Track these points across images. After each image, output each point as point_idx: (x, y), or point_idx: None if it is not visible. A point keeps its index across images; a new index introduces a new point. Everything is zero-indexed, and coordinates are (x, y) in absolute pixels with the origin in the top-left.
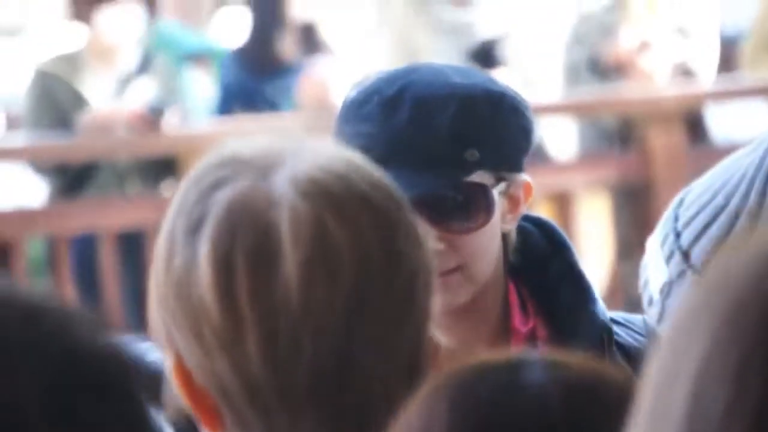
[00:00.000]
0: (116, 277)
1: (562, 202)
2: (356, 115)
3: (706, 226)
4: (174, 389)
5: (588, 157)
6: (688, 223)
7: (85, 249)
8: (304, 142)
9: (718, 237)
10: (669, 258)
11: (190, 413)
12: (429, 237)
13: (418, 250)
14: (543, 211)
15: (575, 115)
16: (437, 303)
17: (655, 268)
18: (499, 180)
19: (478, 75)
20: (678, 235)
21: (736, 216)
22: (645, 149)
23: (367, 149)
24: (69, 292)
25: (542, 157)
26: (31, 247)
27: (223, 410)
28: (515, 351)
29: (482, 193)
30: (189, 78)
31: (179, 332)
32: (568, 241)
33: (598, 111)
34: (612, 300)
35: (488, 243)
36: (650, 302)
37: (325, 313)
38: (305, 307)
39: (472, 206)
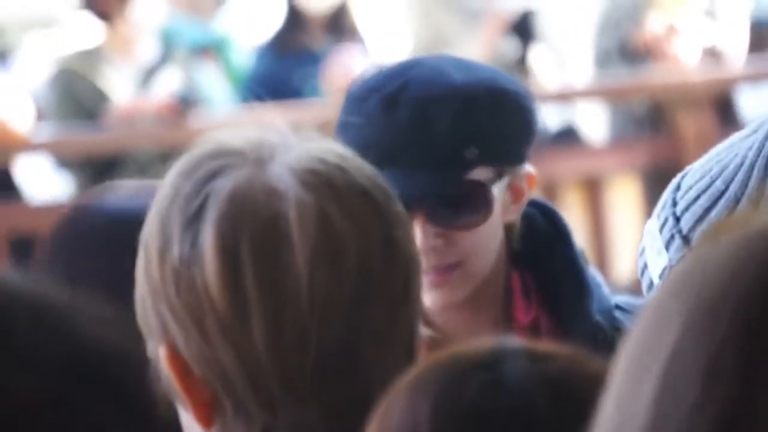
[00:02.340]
0: None
1: (593, 186)
2: (357, 111)
3: (707, 211)
4: (164, 380)
5: (619, 141)
6: (687, 208)
7: None
8: (290, 135)
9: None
10: (669, 242)
11: (176, 404)
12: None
13: (411, 242)
14: (574, 196)
15: (606, 100)
16: (436, 297)
17: (653, 252)
18: (500, 174)
19: (480, 70)
20: (677, 219)
21: (736, 201)
22: (675, 133)
23: (366, 147)
24: None
25: (574, 141)
26: None
27: (225, 401)
28: (494, 340)
29: (482, 190)
30: (203, 69)
31: (177, 322)
32: (570, 229)
33: (628, 95)
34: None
35: (488, 238)
36: (650, 287)
37: (330, 303)
38: (312, 297)
39: (472, 203)
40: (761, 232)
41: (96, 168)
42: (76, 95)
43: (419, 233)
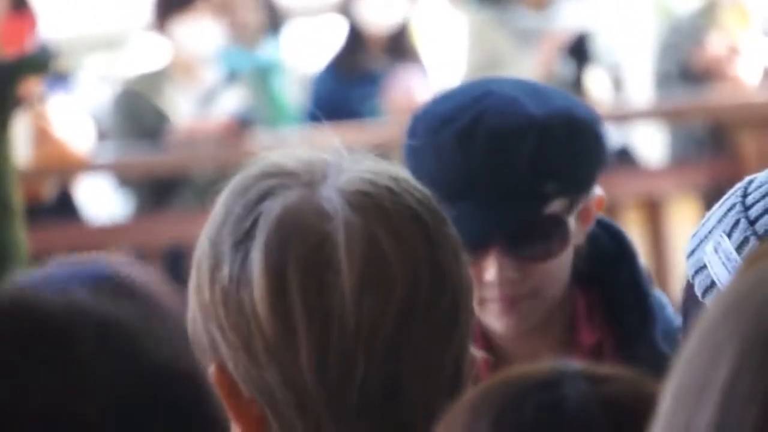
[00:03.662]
0: None
1: (653, 208)
2: (430, 144)
3: None
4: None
5: (679, 162)
6: (765, 212)
7: (174, 262)
8: (344, 156)
9: None
10: (742, 244)
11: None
12: (465, 253)
13: (460, 266)
14: (634, 218)
15: (666, 121)
16: (508, 325)
17: (727, 271)
18: (574, 203)
19: (553, 98)
20: (752, 222)
21: None
22: (737, 154)
23: (440, 180)
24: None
25: (628, 162)
26: None
27: (272, 421)
28: (553, 362)
29: (559, 223)
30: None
31: (225, 342)
32: (636, 250)
33: (688, 116)
34: None
35: (561, 267)
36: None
37: (376, 328)
38: (358, 320)
39: (549, 237)
40: None
41: (156, 189)
42: (138, 116)
43: (495, 265)
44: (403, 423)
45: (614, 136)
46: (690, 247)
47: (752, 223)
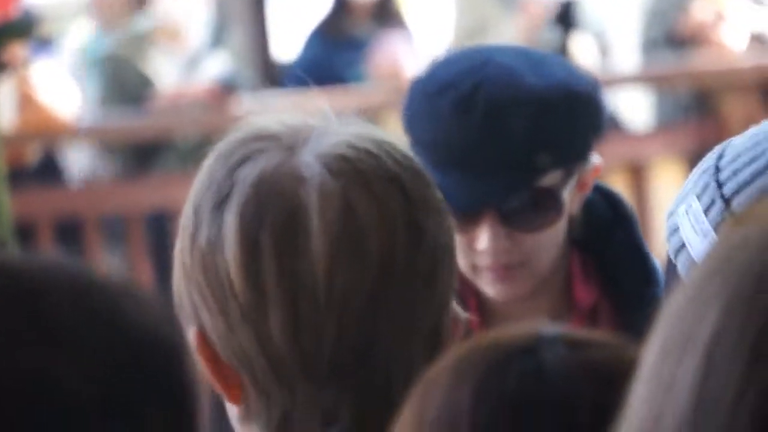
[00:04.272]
0: None
1: (638, 172)
2: (427, 110)
3: (754, 177)
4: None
5: (664, 127)
6: (733, 175)
7: (157, 227)
8: (331, 121)
9: (763, 190)
10: (709, 207)
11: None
12: (448, 214)
13: (442, 229)
14: (619, 182)
15: (652, 86)
16: (501, 292)
17: (695, 233)
18: (570, 175)
19: (552, 69)
20: (720, 185)
21: None
22: (722, 119)
23: (437, 145)
24: (141, 269)
25: (618, 127)
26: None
27: (246, 383)
28: (533, 326)
29: (552, 196)
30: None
31: (204, 306)
32: (633, 214)
33: (674, 82)
34: None
35: (554, 237)
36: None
37: (349, 292)
38: (329, 285)
39: (541, 209)
40: None
41: (139, 153)
42: (121, 81)
43: (487, 234)
44: (378, 385)
45: None
46: (669, 210)
47: (720, 185)
